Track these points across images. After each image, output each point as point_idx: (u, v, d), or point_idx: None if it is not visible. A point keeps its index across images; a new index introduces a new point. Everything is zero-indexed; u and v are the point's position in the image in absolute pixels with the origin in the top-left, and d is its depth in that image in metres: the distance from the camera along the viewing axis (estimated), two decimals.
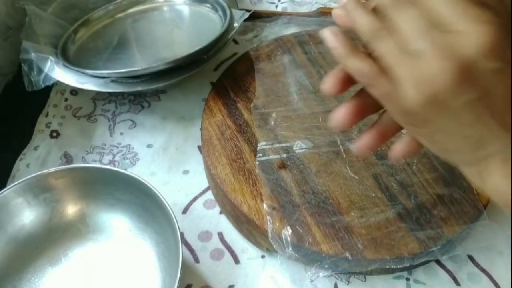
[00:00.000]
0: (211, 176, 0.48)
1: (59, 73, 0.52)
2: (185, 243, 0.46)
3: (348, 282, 0.44)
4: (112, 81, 0.52)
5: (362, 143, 0.34)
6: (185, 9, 0.66)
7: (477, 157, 0.28)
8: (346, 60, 0.29)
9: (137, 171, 0.52)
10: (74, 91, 0.60)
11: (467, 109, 0.26)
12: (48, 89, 0.58)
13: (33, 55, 0.53)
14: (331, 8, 0.69)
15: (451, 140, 0.28)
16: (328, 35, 0.30)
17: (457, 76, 0.25)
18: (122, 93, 0.59)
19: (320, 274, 0.42)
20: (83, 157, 0.54)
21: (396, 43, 0.26)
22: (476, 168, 0.29)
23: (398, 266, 0.41)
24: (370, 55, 0.29)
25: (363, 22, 0.29)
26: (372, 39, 0.28)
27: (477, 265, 0.45)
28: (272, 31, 0.64)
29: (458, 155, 0.29)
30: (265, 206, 0.44)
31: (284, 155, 0.48)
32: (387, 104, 0.29)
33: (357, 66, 0.29)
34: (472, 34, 0.24)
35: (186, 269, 0.44)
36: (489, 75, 0.25)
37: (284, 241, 0.41)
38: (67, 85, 0.53)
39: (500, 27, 0.25)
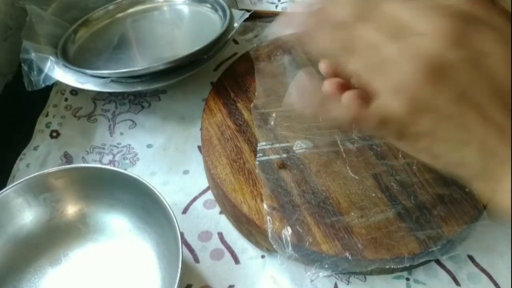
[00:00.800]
0: (211, 176, 0.48)
1: (59, 73, 0.52)
2: (185, 243, 0.46)
3: (348, 282, 0.44)
4: (112, 81, 0.52)
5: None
6: (185, 9, 0.66)
7: (486, 168, 0.26)
8: (321, 110, 0.29)
9: (137, 171, 0.52)
10: (74, 91, 0.60)
11: (453, 109, 0.25)
12: (48, 89, 0.58)
13: (33, 55, 0.53)
14: None
15: (451, 151, 0.27)
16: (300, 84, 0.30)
17: (428, 73, 0.24)
18: (122, 93, 0.59)
19: (320, 274, 0.42)
20: (83, 157, 0.54)
21: (365, 56, 0.26)
22: (487, 182, 0.27)
23: (398, 266, 0.41)
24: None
25: (328, 44, 0.28)
26: (341, 57, 0.27)
27: (477, 265, 0.45)
28: (272, 31, 0.64)
29: (465, 168, 0.27)
30: (265, 206, 0.44)
31: (284, 155, 0.48)
32: (382, 132, 0.28)
33: (335, 110, 0.28)
34: (431, 30, 0.24)
35: (186, 269, 0.44)
36: (460, 65, 0.24)
37: (284, 241, 0.41)
38: (67, 85, 0.53)
39: (461, 17, 0.24)
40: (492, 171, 0.26)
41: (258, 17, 0.66)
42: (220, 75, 0.57)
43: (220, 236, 0.47)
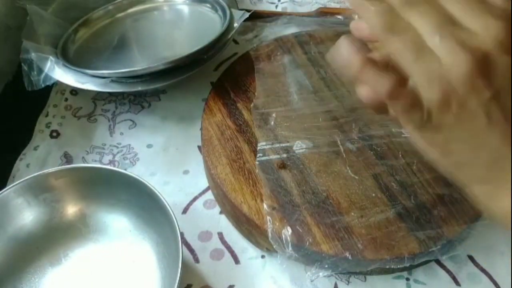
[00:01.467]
0: (211, 176, 0.48)
1: (59, 73, 0.52)
2: (185, 243, 0.46)
3: (348, 282, 0.44)
4: (112, 81, 0.52)
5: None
6: (185, 9, 0.66)
7: (491, 172, 0.27)
8: (362, 73, 0.27)
9: (137, 171, 0.52)
10: (74, 91, 0.60)
11: (482, 111, 0.25)
12: (48, 89, 0.58)
13: (33, 55, 0.53)
14: (331, 8, 0.69)
15: (465, 150, 0.27)
16: (344, 43, 0.28)
17: (473, 69, 0.24)
18: (122, 93, 0.59)
19: (320, 274, 0.42)
20: (83, 157, 0.54)
21: (409, 40, 0.26)
22: (488, 186, 0.27)
23: (398, 266, 0.41)
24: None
25: (375, 21, 0.27)
26: (384, 37, 0.27)
27: (477, 265, 0.45)
28: (272, 31, 0.64)
29: (471, 169, 0.28)
30: (265, 206, 0.44)
31: (284, 155, 0.48)
32: (405, 117, 0.28)
33: (375, 78, 0.27)
34: (483, 28, 0.25)
35: (186, 269, 0.44)
36: (504, 69, 0.25)
37: (284, 241, 0.41)
38: (67, 85, 0.53)
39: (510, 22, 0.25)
40: (496, 176, 0.27)
41: (258, 17, 0.66)
42: (220, 75, 0.57)
43: (220, 236, 0.47)
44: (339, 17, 0.65)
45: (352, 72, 0.28)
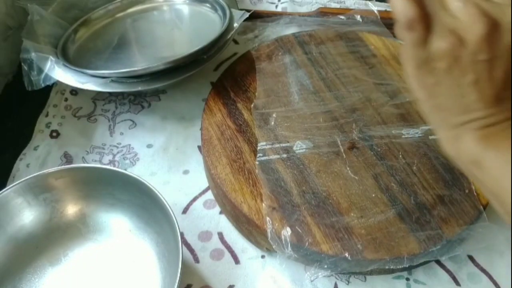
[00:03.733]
0: (211, 176, 0.48)
1: (59, 73, 0.52)
2: (185, 243, 0.46)
3: (348, 282, 0.44)
4: (112, 81, 0.52)
5: None
6: (185, 9, 0.66)
7: (461, 120, 0.31)
8: None
9: (137, 171, 0.52)
10: (74, 91, 0.60)
11: (475, 69, 0.28)
12: (48, 89, 0.58)
13: (33, 55, 0.53)
14: (331, 8, 0.69)
15: (447, 96, 0.31)
16: None
17: (487, 32, 0.27)
18: (122, 93, 0.59)
19: (320, 274, 0.42)
20: (83, 157, 0.54)
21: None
22: (455, 131, 0.31)
23: (398, 267, 0.41)
24: None
25: None
26: None
27: (477, 265, 0.45)
28: (273, 31, 0.64)
29: (447, 114, 0.31)
30: (264, 206, 0.44)
31: (284, 155, 0.48)
32: (412, 50, 0.30)
33: (404, 3, 0.29)
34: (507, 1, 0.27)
35: (186, 269, 0.44)
36: (507, 40, 0.28)
37: (283, 241, 0.41)
38: (67, 85, 0.53)
39: None
40: (462, 125, 0.31)
41: (258, 17, 0.66)
42: (220, 75, 0.57)
43: (220, 236, 0.47)
44: (340, 17, 0.65)
45: None
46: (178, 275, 0.37)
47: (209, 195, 0.50)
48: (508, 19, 0.27)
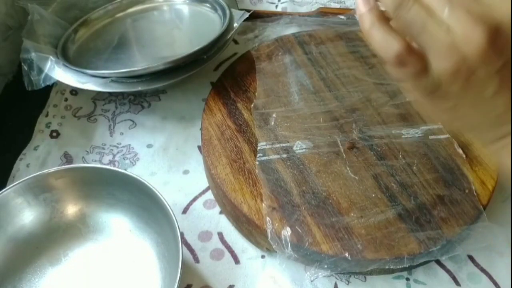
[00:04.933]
0: (211, 176, 0.48)
1: (59, 73, 0.52)
2: (185, 243, 0.46)
3: (348, 282, 0.44)
4: (112, 81, 0.52)
5: None
6: (185, 9, 0.66)
7: (496, 136, 0.28)
8: (372, 31, 0.27)
9: (137, 171, 0.52)
10: (74, 91, 0.60)
11: (492, 80, 0.26)
12: (48, 89, 0.58)
13: (33, 55, 0.53)
14: (331, 8, 0.69)
15: (472, 115, 0.28)
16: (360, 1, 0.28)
17: (489, 40, 0.25)
18: (122, 93, 0.59)
19: (320, 274, 0.42)
20: (83, 157, 0.54)
21: (424, 11, 0.26)
22: (494, 147, 0.29)
23: (398, 267, 0.41)
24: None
25: None
26: (398, 7, 0.27)
27: (477, 265, 0.45)
28: (273, 31, 0.64)
29: (478, 132, 0.30)
30: (264, 206, 0.44)
31: (284, 155, 0.48)
32: (413, 83, 0.28)
33: (385, 38, 0.27)
34: (504, 3, 0.25)
35: (186, 269, 0.44)
36: None
37: (283, 241, 0.41)
38: (67, 85, 0.53)
39: None
40: (499, 140, 0.29)
41: (258, 17, 0.66)
42: (220, 75, 0.57)
43: (220, 236, 0.47)
44: (340, 17, 0.65)
45: (364, 28, 0.28)
46: (178, 275, 0.37)
47: (209, 195, 0.50)
48: (504, 18, 0.25)
